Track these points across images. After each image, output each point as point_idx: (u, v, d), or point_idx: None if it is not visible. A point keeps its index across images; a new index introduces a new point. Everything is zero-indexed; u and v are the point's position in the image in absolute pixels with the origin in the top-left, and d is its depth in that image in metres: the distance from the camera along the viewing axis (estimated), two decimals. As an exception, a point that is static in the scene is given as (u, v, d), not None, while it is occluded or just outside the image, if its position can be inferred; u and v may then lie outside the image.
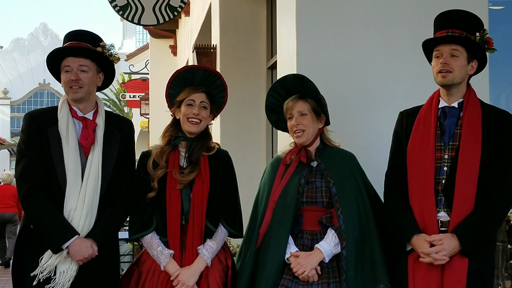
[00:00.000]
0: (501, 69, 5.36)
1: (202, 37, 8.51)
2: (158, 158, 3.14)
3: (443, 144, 2.92)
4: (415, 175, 2.92)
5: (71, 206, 3.01)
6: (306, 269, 2.92)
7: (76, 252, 2.98)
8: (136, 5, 6.80)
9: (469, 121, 2.89)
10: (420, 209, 2.88)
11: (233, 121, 6.31)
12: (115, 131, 3.22)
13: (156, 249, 3.09)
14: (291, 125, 3.13)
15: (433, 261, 2.77)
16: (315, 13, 3.75)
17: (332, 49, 3.76)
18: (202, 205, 3.09)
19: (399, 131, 3.09)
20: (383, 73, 3.78)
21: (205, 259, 3.07)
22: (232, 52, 6.49)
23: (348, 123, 3.70)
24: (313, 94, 3.12)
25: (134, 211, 3.17)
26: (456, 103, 2.96)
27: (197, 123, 3.13)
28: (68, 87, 3.11)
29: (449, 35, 2.92)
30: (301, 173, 3.10)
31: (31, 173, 3.04)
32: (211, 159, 3.17)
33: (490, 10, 4.23)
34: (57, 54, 3.14)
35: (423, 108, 3.03)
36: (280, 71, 4.21)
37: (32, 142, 3.08)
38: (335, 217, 2.98)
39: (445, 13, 3.03)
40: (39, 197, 3.01)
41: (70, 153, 3.05)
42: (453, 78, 2.91)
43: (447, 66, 2.90)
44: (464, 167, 2.83)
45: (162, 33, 14.93)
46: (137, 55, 26.62)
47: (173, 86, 3.22)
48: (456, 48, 2.91)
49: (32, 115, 3.16)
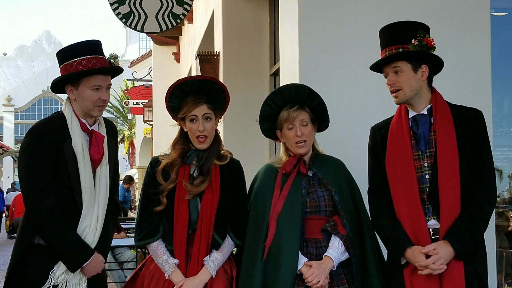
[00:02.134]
0: (504, 75, 5.36)
1: (205, 44, 8.53)
2: (169, 168, 3.09)
3: (420, 152, 2.91)
4: (399, 188, 2.90)
5: (86, 224, 3.01)
6: (320, 279, 2.91)
7: (92, 268, 3.03)
8: (139, 13, 6.82)
9: (441, 125, 2.88)
10: (410, 221, 2.85)
11: (236, 127, 6.31)
12: (111, 139, 3.21)
13: (161, 258, 3.07)
14: (292, 135, 3.10)
15: (432, 272, 2.76)
16: (317, 20, 3.76)
17: (334, 55, 3.77)
18: (211, 216, 3.05)
19: (373, 147, 3.07)
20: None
21: (210, 270, 3.04)
22: (235, 59, 6.50)
23: (351, 129, 3.70)
24: (312, 101, 3.12)
25: (142, 217, 3.14)
26: (425, 109, 2.94)
27: (204, 140, 3.09)
28: (95, 105, 3.04)
29: (387, 55, 2.92)
30: (300, 184, 3.09)
31: (50, 192, 2.97)
32: (223, 169, 3.13)
33: (493, 17, 4.24)
34: (93, 72, 3.01)
35: (393, 120, 3.00)
36: (283, 77, 4.21)
37: (48, 159, 2.97)
38: (340, 225, 3.00)
39: (380, 32, 3.02)
40: (59, 219, 2.97)
41: (86, 172, 3.02)
42: (405, 95, 2.90)
43: (395, 85, 2.90)
44: (445, 171, 2.82)
45: (165, 40, 14.95)
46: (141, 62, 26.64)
47: (171, 99, 3.14)
48: (396, 65, 2.90)
49: (44, 130, 3.04)
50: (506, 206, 6.17)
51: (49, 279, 2.98)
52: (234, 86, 6.34)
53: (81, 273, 3.03)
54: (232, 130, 6.31)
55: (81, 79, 3.02)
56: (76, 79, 3.02)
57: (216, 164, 3.11)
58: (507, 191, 6.35)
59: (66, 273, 3.00)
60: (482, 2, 3.87)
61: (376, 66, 3.01)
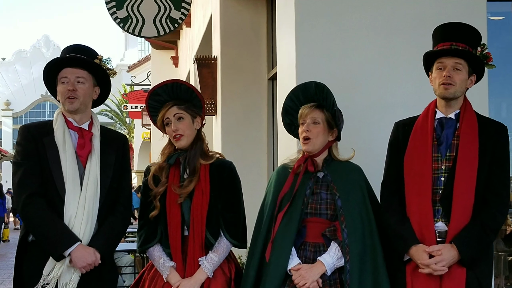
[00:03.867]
0: (501, 79, 5.36)
1: (203, 48, 8.54)
2: (158, 173, 3.19)
3: (440, 154, 2.93)
4: (413, 186, 2.93)
5: (71, 213, 3.00)
6: (307, 281, 2.91)
7: (79, 258, 2.96)
8: (137, 17, 6.84)
9: (466, 132, 2.91)
10: (418, 220, 2.88)
11: (234, 132, 6.31)
12: (111, 142, 3.24)
13: (158, 261, 3.14)
14: (301, 131, 3.11)
15: (432, 272, 2.78)
16: (314, 25, 3.77)
17: (331, 60, 3.77)
18: (202, 216, 3.10)
19: (394, 142, 3.09)
20: (383, 83, 3.79)
21: (206, 270, 3.08)
22: (233, 63, 6.50)
23: (348, 133, 3.70)
24: (330, 105, 3.11)
25: (140, 224, 3.22)
26: (453, 114, 2.98)
27: (180, 137, 3.16)
28: (64, 97, 3.12)
29: (453, 48, 2.94)
30: (306, 184, 3.08)
31: (29, 181, 3.02)
32: (213, 170, 3.18)
33: (490, 21, 4.25)
34: (55, 64, 3.15)
35: (419, 118, 3.04)
36: (280, 82, 4.22)
37: (28, 152, 3.06)
38: (339, 231, 2.97)
39: (447, 25, 3.04)
40: (39, 204, 2.98)
41: (67, 161, 3.05)
42: (455, 92, 2.93)
43: (450, 79, 2.91)
44: (462, 177, 2.84)
45: (163, 45, 14.98)
46: (139, 66, 26.69)
47: (152, 113, 3.27)
48: (459, 61, 2.93)
49: (27, 127, 3.17)
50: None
51: (43, 277, 2.97)
52: (232, 90, 6.35)
53: (74, 271, 2.99)
54: (231, 133, 6.31)
55: (56, 78, 3.15)
56: (52, 78, 3.17)
57: (203, 164, 3.16)
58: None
59: (57, 269, 2.97)
60: (479, 6, 3.88)
61: (434, 55, 2.99)
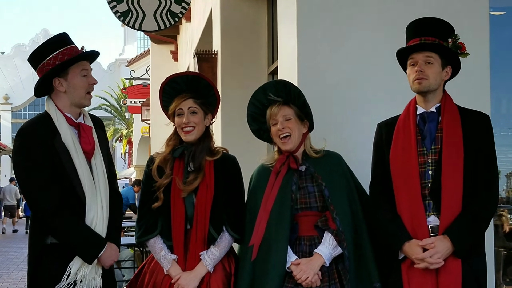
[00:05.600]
0: (503, 74, 5.35)
1: (203, 42, 8.52)
2: (163, 165, 3.16)
3: (425, 148, 2.94)
4: (401, 182, 2.92)
5: (93, 215, 3.02)
6: (309, 275, 2.92)
7: (108, 257, 3.06)
8: (137, 11, 6.82)
9: (449, 124, 2.92)
10: (410, 216, 2.88)
11: (234, 127, 6.28)
12: (99, 130, 3.24)
13: (159, 253, 3.14)
14: (276, 131, 3.11)
15: (428, 266, 2.77)
16: (315, 19, 3.75)
17: (333, 55, 3.76)
18: (206, 211, 3.09)
19: (378, 142, 3.10)
20: (385, 77, 3.78)
21: (206, 265, 3.08)
22: (233, 58, 6.49)
23: (350, 127, 3.70)
24: (295, 99, 3.12)
25: (140, 214, 3.21)
26: (434, 107, 2.99)
27: (190, 131, 3.14)
28: (86, 92, 3.10)
29: (422, 42, 2.95)
30: (291, 180, 3.08)
31: (53, 190, 2.96)
32: (217, 165, 3.17)
33: (491, 16, 4.24)
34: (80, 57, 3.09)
35: (401, 117, 3.05)
36: (281, 76, 4.20)
37: (42, 158, 2.96)
38: (330, 220, 2.99)
39: (417, 21, 3.05)
40: (66, 214, 2.97)
41: (81, 165, 3.02)
42: (429, 85, 2.94)
43: (422, 74, 2.93)
44: (449, 168, 2.84)
45: (163, 39, 14.95)
46: (138, 61, 26.69)
47: (164, 98, 3.25)
48: (430, 55, 2.94)
49: (30, 131, 3.04)
50: (503, 205, 6.17)
51: (65, 276, 2.96)
52: (232, 85, 6.34)
53: (97, 267, 3.04)
54: (230, 128, 6.29)
55: (68, 68, 3.05)
56: (63, 69, 3.05)
57: (209, 160, 3.14)
58: (504, 191, 6.36)
59: (83, 268, 2.99)
60: (481, 1, 3.87)
61: (406, 50, 3.01)
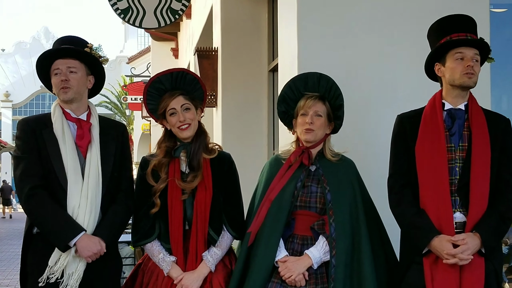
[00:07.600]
0: (503, 71, 5.35)
1: (203, 39, 8.52)
2: (157, 168, 3.12)
3: (453, 145, 2.94)
4: (428, 177, 2.90)
5: (74, 204, 2.99)
6: (293, 274, 2.91)
7: (84, 247, 2.95)
8: (138, 8, 6.81)
9: (477, 123, 2.93)
10: (436, 211, 2.85)
11: (234, 124, 6.29)
12: (110, 131, 3.22)
13: (157, 257, 3.11)
14: (303, 121, 3.07)
15: (458, 262, 2.76)
16: (316, 16, 3.75)
17: (333, 52, 3.76)
18: (206, 212, 3.07)
19: (401, 134, 3.05)
20: (385, 76, 3.78)
21: (209, 265, 3.07)
22: (233, 55, 6.49)
23: (350, 126, 3.69)
24: (333, 98, 3.10)
25: (137, 218, 3.17)
26: (463, 105, 2.99)
27: (187, 127, 3.11)
28: (58, 88, 3.11)
29: (472, 39, 2.94)
30: (298, 176, 3.07)
31: (31, 173, 3.02)
32: (214, 164, 3.15)
33: (492, 13, 4.23)
34: (46, 58, 3.13)
35: (426, 110, 3.02)
36: (282, 74, 4.20)
37: (28, 145, 3.06)
38: (327, 225, 2.96)
39: (456, 16, 3.02)
40: (41, 196, 2.98)
41: (68, 152, 3.04)
42: (475, 82, 2.95)
43: (474, 69, 2.92)
44: (478, 166, 2.86)
45: (163, 36, 14.95)
46: (139, 58, 26.65)
47: (149, 101, 3.19)
48: (477, 52, 2.95)
49: (26, 121, 3.16)
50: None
51: (47, 268, 2.95)
52: (232, 82, 6.34)
53: (79, 260, 2.98)
54: (231, 125, 6.29)
55: (49, 70, 3.13)
56: (46, 72, 3.15)
57: (205, 158, 3.12)
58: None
59: (63, 259, 2.96)
60: (482, -2, 3.86)
61: (453, 44, 2.95)
